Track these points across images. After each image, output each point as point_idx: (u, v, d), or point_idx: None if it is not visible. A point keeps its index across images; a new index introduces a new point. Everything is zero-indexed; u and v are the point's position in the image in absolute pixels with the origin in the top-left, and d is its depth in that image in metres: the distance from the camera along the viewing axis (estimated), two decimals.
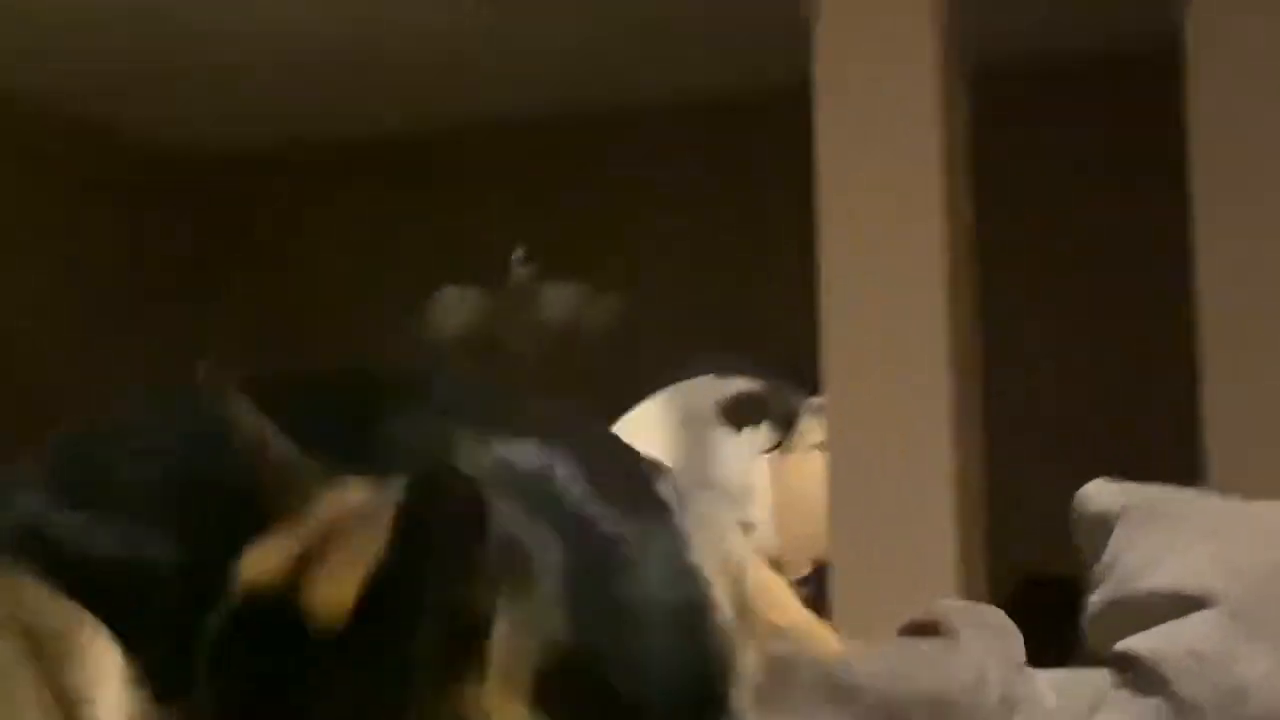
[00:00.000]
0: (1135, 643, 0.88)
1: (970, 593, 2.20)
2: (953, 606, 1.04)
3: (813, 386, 4.25)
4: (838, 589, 2.00)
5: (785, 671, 0.75)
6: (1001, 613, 0.96)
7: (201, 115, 3.97)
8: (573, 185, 4.01)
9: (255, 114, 3.98)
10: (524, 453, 0.57)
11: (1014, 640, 0.92)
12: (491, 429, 0.59)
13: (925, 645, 0.92)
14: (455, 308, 3.69)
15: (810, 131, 2.46)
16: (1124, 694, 0.87)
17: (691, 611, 0.59)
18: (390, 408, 0.63)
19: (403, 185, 4.10)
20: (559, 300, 3.71)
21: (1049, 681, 0.92)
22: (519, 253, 3.70)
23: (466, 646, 0.49)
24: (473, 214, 3.95)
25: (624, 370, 3.81)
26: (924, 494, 2.35)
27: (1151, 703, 0.86)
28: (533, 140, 3.95)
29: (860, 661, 0.87)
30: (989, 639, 0.92)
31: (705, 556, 0.62)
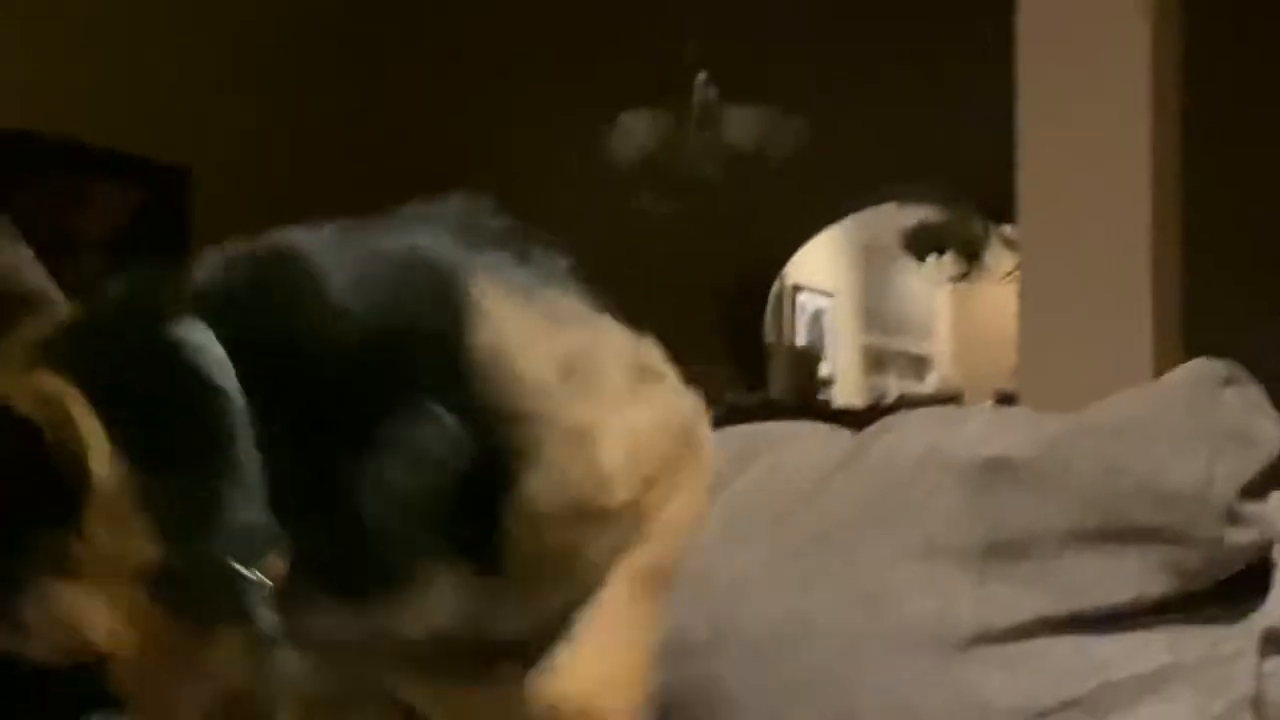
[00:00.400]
0: None
1: None
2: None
3: (1001, 216, 4.72)
4: None
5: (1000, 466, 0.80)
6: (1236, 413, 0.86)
7: None
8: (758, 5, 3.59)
9: None
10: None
11: (1246, 450, 0.84)
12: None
13: (1144, 437, 0.85)
14: (637, 131, 3.51)
15: None
16: None
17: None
18: None
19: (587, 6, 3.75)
20: (743, 123, 3.52)
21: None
22: (702, 76, 3.40)
23: None
24: (656, 35, 3.56)
25: (807, 197, 4.07)
26: (1119, 329, 2.30)
27: None
28: None
29: (1072, 450, 0.85)
30: (1217, 439, 0.84)
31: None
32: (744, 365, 3.98)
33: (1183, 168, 2.44)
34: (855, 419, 1.48)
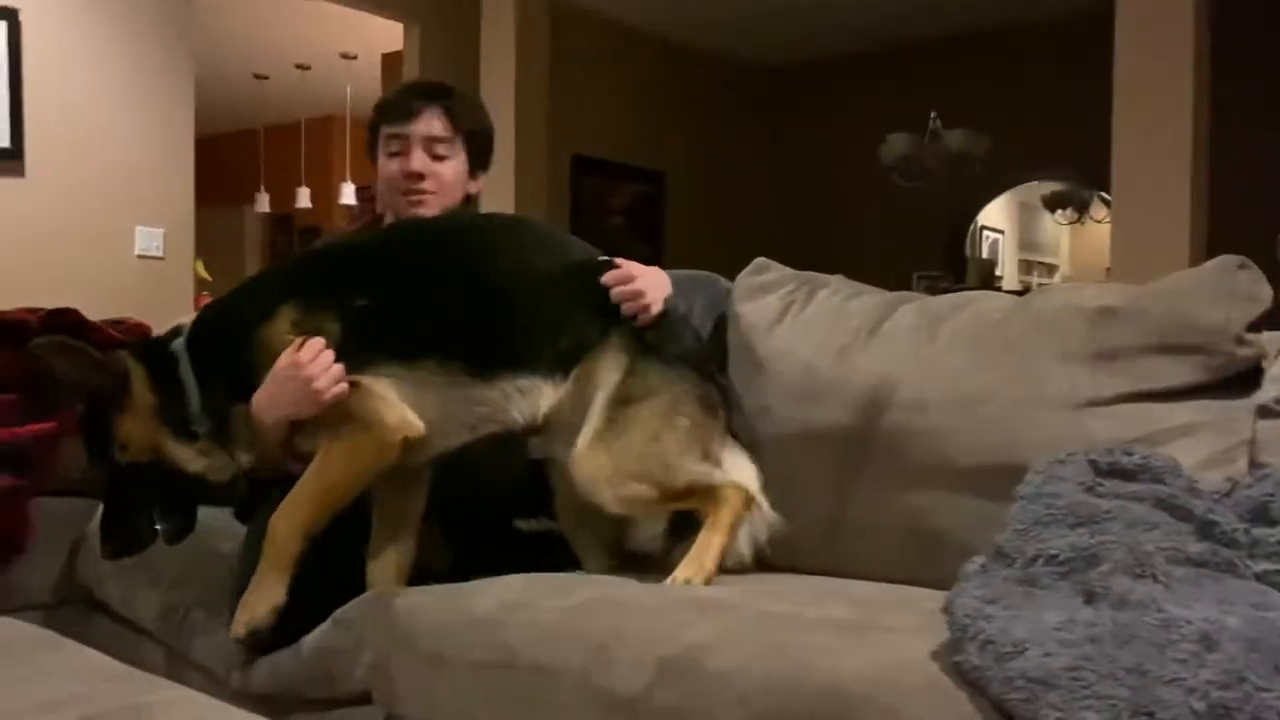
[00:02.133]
0: None
1: None
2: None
3: (1101, 185, 6.61)
4: None
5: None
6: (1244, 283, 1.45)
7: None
8: (962, 77, 6.49)
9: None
10: None
11: (1249, 304, 1.41)
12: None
13: (1189, 295, 1.43)
14: (898, 145, 6.15)
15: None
16: None
17: None
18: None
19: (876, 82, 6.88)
20: (955, 140, 5.82)
21: None
22: (934, 115, 6.16)
23: None
24: (912, 94, 6.45)
25: (989, 178, 7.24)
26: (1170, 247, 3.67)
27: None
28: (938, 53, 6.53)
29: (1147, 301, 1.43)
30: (1233, 297, 1.39)
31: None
32: (954, 269, 6.75)
33: (1210, 154, 3.84)
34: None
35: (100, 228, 4.21)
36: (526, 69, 5.06)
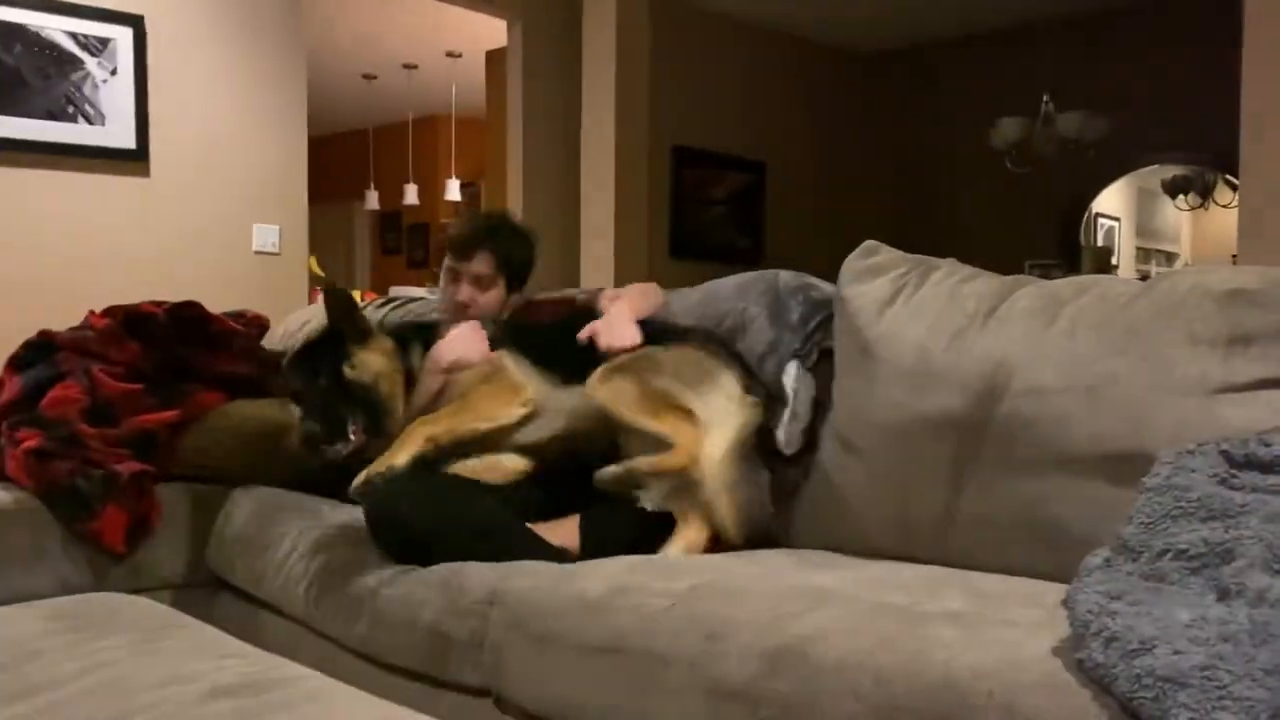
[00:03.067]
0: None
1: None
2: None
3: (1227, 168, 6.30)
4: None
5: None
6: None
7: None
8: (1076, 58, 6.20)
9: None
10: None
11: None
12: None
13: None
14: (1009, 130, 5.87)
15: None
16: None
17: None
18: None
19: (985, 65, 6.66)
20: (1069, 123, 5.50)
21: None
22: (1046, 98, 5.88)
23: None
24: (1022, 77, 6.19)
25: (1108, 162, 5.73)
26: None
27: None
28: (1050, 34, 6.23)
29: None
30: None
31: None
32: (1068, 257, 6.49)
33: None
34: None
35: (220, 225, 4.38)
36: (627, 61, 5.08)
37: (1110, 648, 0.99)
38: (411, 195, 9.25)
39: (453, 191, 9.03)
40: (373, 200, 9.60)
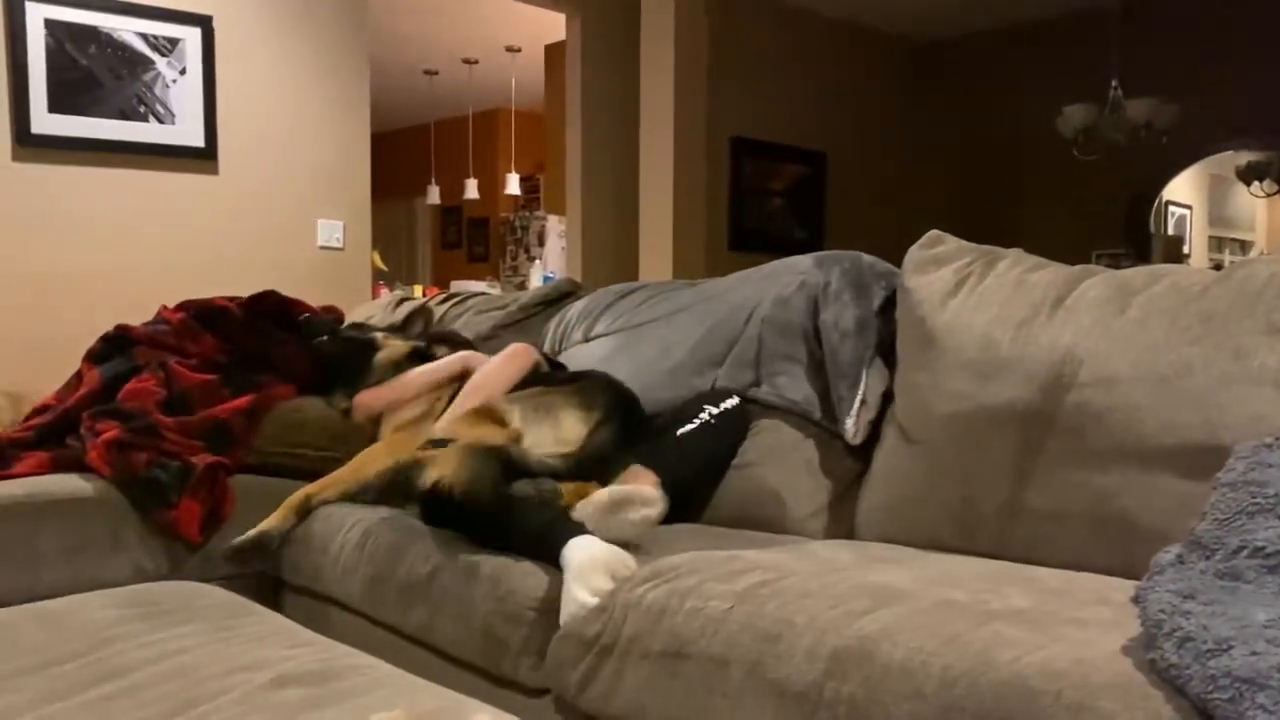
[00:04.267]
0: None
1: None
2: None
3: None
4: None
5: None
6: None
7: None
8: (1145, 43, 5.98)
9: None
10: None
11: None
12: None
13: None
14: (1076, 116, 5.77)
15: None
16: None
17: None
18: None
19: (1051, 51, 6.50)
20: (1139, 109, 5.40)
21: None
22: (1114, 83, 5.73)
23: None
24: (1090, 63, 6.00)
25: (1179, 149, 7.05)
26: None
27: None
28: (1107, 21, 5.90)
29: None
30: None
31: None
32: (1137, 246, 6.38)
33: None
34: None
35: (285, 221, 4.46)
36: (686, 53, 5.07)
37: (1184, 648, 0.97)
38: (472, 190, 9.32)
39: (512, 185, 9.09)
40: (434, 195, 9.70)
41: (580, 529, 1.57)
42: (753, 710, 1.18)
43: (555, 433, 1.89)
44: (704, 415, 1.95)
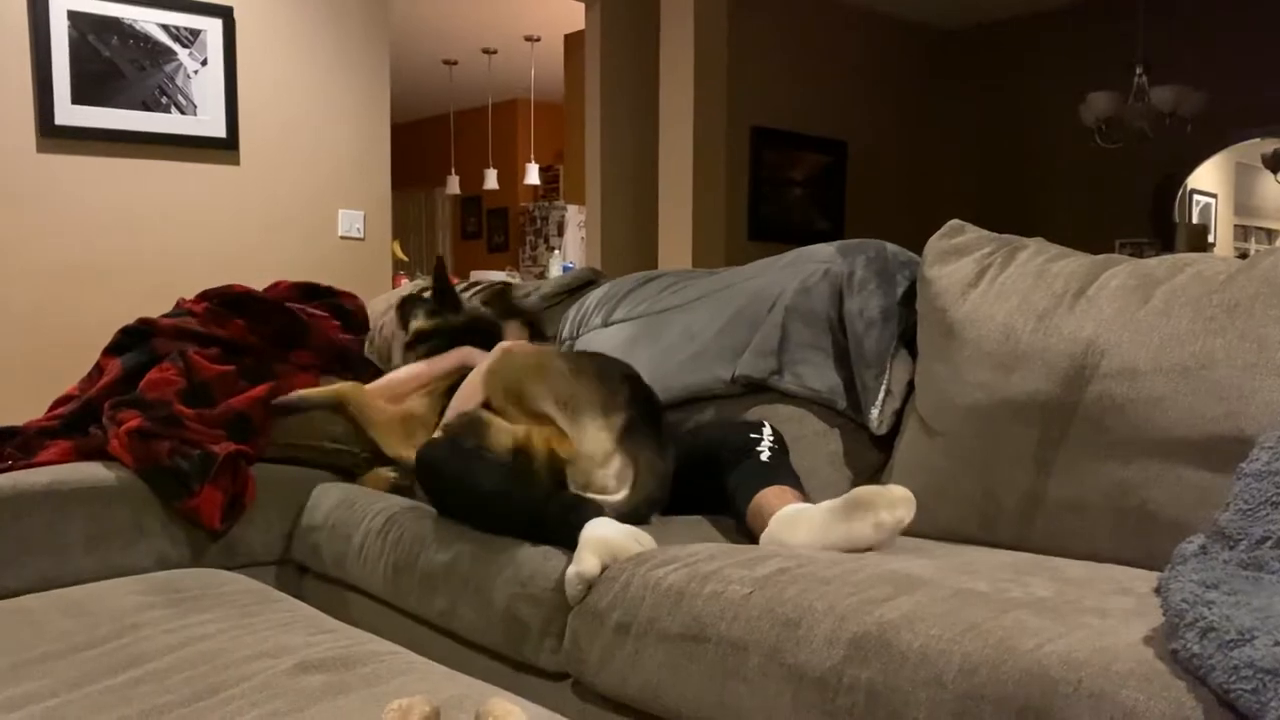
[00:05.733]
0: None
1: None
2: None
3: None
4: None
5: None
6: None
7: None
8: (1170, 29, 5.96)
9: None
10: None
11: None
12: None
13: None
14: (1099, 104, 5.67)
15: None
16: None
17: None
18: None
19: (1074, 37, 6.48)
20: (1163, 97, 5.33)
21: None
22: (1139, 70, 5.64)
23: None
24: (1113, 50, 6.01)
25: (1204, 137, 6.59)
26: None
27: None
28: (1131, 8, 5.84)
29: None
30: None
31: None
32: (1161, 235, 6.31)
33: None
34: None
35: (307, 211, 4.48)
36: (705, 42, 5.05)
37: (1206, 638, 0.96)
38: (491, 180, 9.34)
39: (532, 175, 9.10)
40: (453, 185, 9.72)
41: (599, 510, 1.57)
42: (771, 695, 1.18)
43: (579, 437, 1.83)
44: (763, 447, 1.78)
